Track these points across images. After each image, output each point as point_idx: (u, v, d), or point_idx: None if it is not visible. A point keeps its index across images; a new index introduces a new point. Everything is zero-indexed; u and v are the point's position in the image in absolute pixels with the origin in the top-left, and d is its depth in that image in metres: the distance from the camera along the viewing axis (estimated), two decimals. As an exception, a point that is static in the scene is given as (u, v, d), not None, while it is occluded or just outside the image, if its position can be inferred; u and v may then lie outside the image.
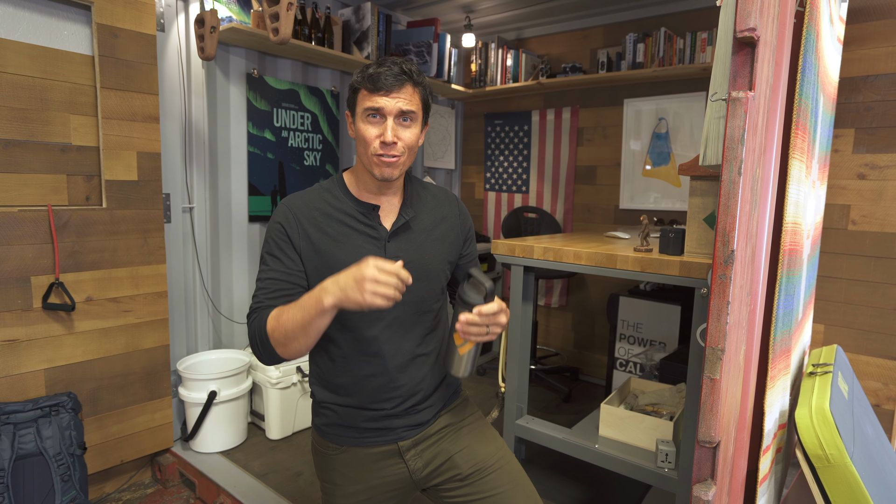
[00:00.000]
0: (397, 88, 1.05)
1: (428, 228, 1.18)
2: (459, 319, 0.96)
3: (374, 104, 1.05)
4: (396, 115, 1.06)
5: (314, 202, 1.13)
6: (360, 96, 1.07)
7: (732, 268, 0.82)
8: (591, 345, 3.38)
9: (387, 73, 1.04)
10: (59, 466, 1.74)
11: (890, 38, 1.90)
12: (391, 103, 1.05)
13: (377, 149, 1.06)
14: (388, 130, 1.05)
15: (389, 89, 1.04)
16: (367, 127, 1.06)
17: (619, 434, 1.76)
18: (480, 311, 0.95)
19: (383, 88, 1.04)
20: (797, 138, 1.07)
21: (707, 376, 0.85)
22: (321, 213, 1.11)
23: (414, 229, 1.15)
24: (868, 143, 1.96)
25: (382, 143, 1.05)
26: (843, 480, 1.10)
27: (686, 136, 2.90)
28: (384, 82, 1.04)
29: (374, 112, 1.06)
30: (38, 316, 1.83)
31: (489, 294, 0.97)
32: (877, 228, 1.96)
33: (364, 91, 1.06)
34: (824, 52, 1.30)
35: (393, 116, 1.05)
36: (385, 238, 1.12)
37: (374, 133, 1.06)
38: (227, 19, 2.36)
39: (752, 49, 0.80)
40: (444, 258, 1.19)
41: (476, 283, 0.98)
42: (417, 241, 1.15)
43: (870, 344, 1.99)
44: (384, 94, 1.04)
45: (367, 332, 1.11)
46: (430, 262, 1.15)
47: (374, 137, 1.06)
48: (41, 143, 1.82)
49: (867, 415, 1.45)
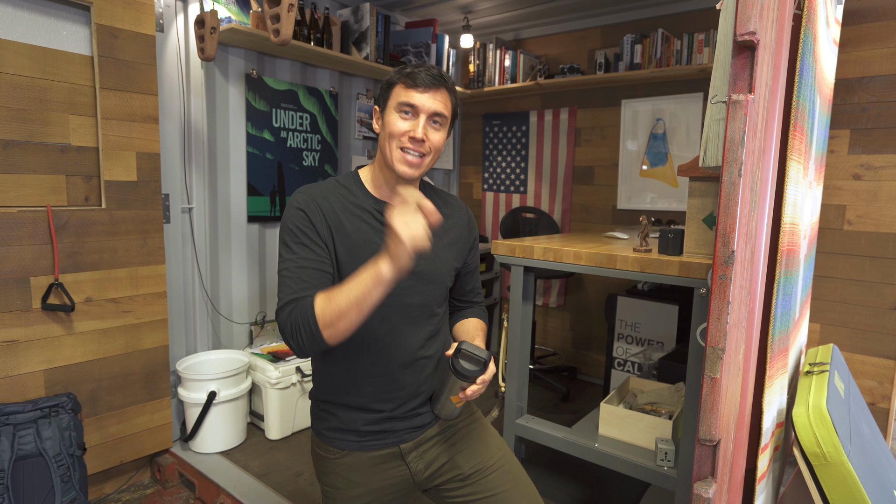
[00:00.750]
0: (434, 88, 1.07)
1: (438, 234, 1.18)
2: (465, 393, 1.02)
3: (409, 99, 1.06)
4: (430, 116, 1.07)
5: (330, 195, 1.12)
6: (396, 91, 1.08)
7: (732, 268, 0.83)
8: (589, 344, 3.40)
9: (426, 73, 1.07)
10: (58, 467, 1.74)
11: (885, 39, 1.92)
12: (427, 102, 1.06)
13: (405, 143, 1.06)
14: (420, 127, 1.06)
15: (427, 87, 1.06)
16: (398, 121, 1.07)
17: (619, 433, 1.77)
18: (484, 380, 1.01)
19: (422, 85, 1.05)
20: (795, 140, 1.09)
21: (707, 375, 0.86)
22: (340, 205, 1.11)
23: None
24: (863, 143, 1.98)
25: (412, 138, 1.06)
26: (839, 478, 1.11)
27: (683, 137, 2.91)
28: (423, 79, 1.06)
29: (409, 108, 1.07)
30: (38, 316, 1.83)
31: (486, 363, 1.01)
32: (872, 228, 1.97)
33: (401, 86, 1.07)
34: (821, 55, 1.31)
35: (426, 115, 1.07)
36: None
37: (405, 127, 1.07)
38: (226, 20, 2.36)
39: (751, 52, 0.81)
40: (451, 264, 1.20)
41: (472, 357, 1.01)
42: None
43: (865, 343, 2.01)
44: (422, 91, 1.06)
45: (373, 331, 1.11)
46: (438, 267, 1.16)
47: (404, 132, 1.07)
48: (40, 143, 1.82)
49: (863, 413, 1.47)
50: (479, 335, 1.22)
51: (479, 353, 1.00)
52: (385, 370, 1.12)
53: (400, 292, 1.11)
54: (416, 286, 1.13)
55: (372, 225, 1.11)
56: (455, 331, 1.28)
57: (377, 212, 1.12)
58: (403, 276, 1.00)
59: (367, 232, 1.10)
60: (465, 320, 1.28)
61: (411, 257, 0.88)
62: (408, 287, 1.12)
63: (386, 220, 0.89)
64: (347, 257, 1.08)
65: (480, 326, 1.26)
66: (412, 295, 1.13)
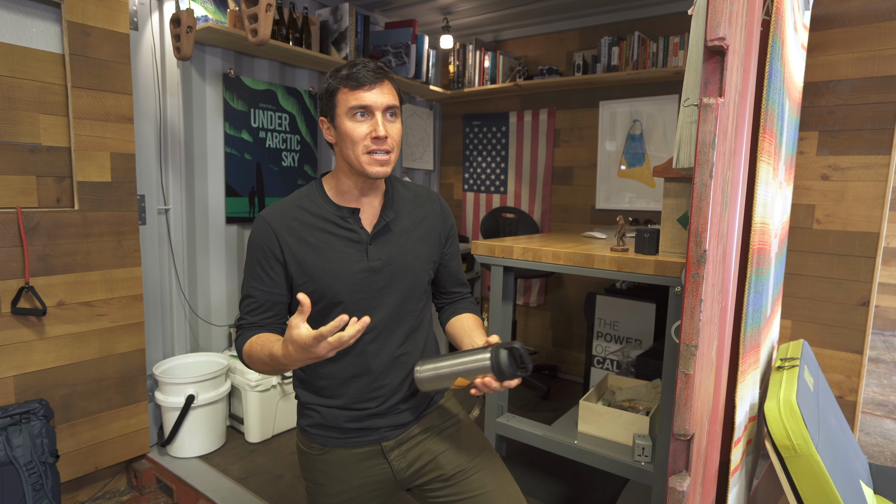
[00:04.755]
0: (379, 82, 1.06)
1: (409, 229, 1.18)
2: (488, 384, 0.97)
3: (359, 101, 1.04)
4: (384, 111, 1.06)
5: (292, 211, 1.12)
6: (341, 96, 1.06)
7: (705, 267, 0.85)
8: (569, 343, 3.44)
9: (365, 69, 1.05)
10: (30, 475, 1.70)
11: (850, 44, 1.99)
12: (378, 98, 1.05)
13: (370, 145, 1.05)
14: (380, 125, 1.04)
15: (372, 83, 1.05)
16: (355, 125, 1.05)
17: (598, 430, 1.80)
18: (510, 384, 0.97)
19: (367, 83, 1.04)
20: (764, 142, 1.12)
21: (681, 372, 0.88)
22: (299, 222, 1.11)
23: (395, 230, 1.16)
24: (831, 145, 2.04)
25: (375, 138, 1.05)
26: (809, 469, 1.15)
27: (660, 138, 2.97)
28: (365, 77, 1.04)
29: (361, 109, 1.05)
30: (7, 321, 1.78)
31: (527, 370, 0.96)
32: (840, 227, 2.04)
33: (345, 90, 1.05)
34: (789, 59, 1.36)
35: (381, 111, 1.06)
36: (366, 241, 1.12)
37: (364, 130, 1.05)
38: (202, 18, 2.33)
39: (721, 57, 0.84)
40: (426, 258, 1.19)
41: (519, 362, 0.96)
42: (399, 242, 1.15)
43: (834, 338, 2.07)
44: (368, 89, 1.04)
45: None
46: (412, 263, 1.16)
47: (364, 135, 1.05)
48: (9, 143, 1.77)
49: (831, 406, 1.52)
50: (478, 331, 1.18)
51: (528, 362, 0.96)
52: (365, 370, 1.13)
53: (376, 292, 1.12)
54: (393, 285, 1.13)
55: (336, 233, 1.11)
56: (451, 327, 1.24)
57: (340, 219, 1.12)
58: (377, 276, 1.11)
59: (332, 241, 1.11)
60: (461, 316, 1.24)
61: (301, 357, 0.92)
62: (384, 286, 1.12)
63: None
64: (314, 268, 1.09)
65: (478, 323, 1.22)
66: (389, 294, 1.13)
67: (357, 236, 1.12)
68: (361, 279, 1.10)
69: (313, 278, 1.09)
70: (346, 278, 1.09)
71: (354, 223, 1.12)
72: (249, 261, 1.13)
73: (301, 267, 1.09)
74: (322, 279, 1.09)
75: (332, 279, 1.09)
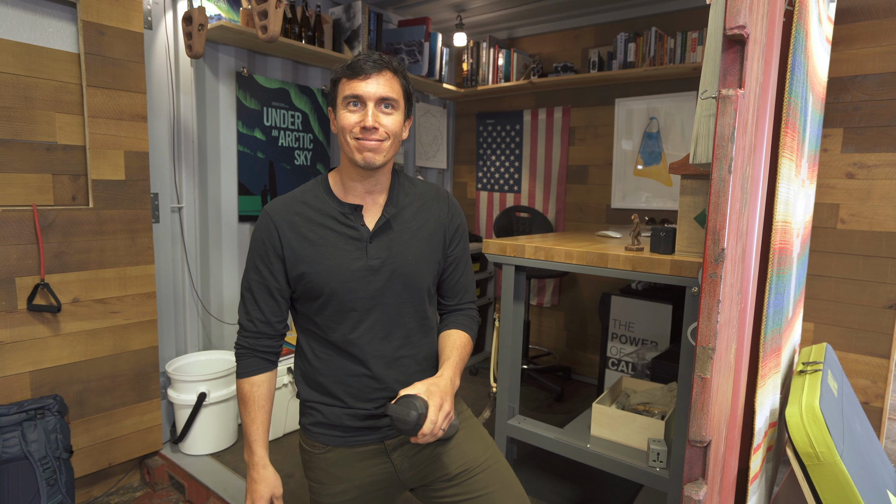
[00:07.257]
0: (376, 73, 1.04)
1: (414, 228, 1.15)
2: (416, 440, 0.97)
3: (353, 91, 1.04)
4: (377, 102, 1.05)
5: (294, 206, 1.11)
6: (341, 86, 1.07)
7: (723, 266, 0.82)
8: (584, 344, 3.39)
9: (365, 60, 1.05)
10: (44, 470, 1.72)
11: (878, 38, 1.92)
12: (372, 88, 1.04)
13: (357, 133, 1.05)
14: (369, 115, 1.04)
15: (369, 73, 1.04)
16: (347, 114, 1.06)
17: (611, 433, 1.76)
18: (423, 433, 0.95)
19: (363, 73, 1.04)
20: (787, 137, 1.07)
21: (698, 375, 0.85)
22: (301, 217, 1.10)
23: (397, 229, 1.13)
24: (856, 142, 1.97)
25: (363, 128, 1.04)
26: (832, 478, 1.10)
27: (677, 136, 2.91)
28: (364, 67, 1.04)
29: (355, 99, 1.05)
30: (23, 317, 1.80)
31: (414, 424, 0.93)
32: (865, 227, 1.97)
33: (344, 79, 1.06)
34: (813, 52, 1.30)
35: (373, 102, 1.04)
36: (367, 239, 1.10)
37: (355, 119, 1.05)
38: (215, 17, 2.34)
39: (741, 47, 0.80)
40: (429, 259, 1.16)
41: (400, 419, 0.94)
42: (401, 240, 1.12)
43: (859, 342, 2.00)
44: (364, 79, 1.04)
45: (348, 335, 1.10)
46: (414, 263, 1.13)
47: (353, 124, 1.05)
48: (25, 141, 1.79)
49: (856, 412, 1.46)
50: (454, 355, 1.12)
51: (407, 416, 0.93)
52: (365, 371, 1.11)
53: (375, 291, 1.10)
54: (392, 284, 1.11)
55: (336, 230, 1.10)
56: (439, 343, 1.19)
57: (342, 215, 1.10)
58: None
59: (332, 237, 1.09)
60: (445, 334, 1.19)
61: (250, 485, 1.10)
62: (382, 286, 1.10)
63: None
64: (312, 264, 1.08)
65: (458, 344, 1.15)
66: (388, 294, 1.11)
67: (358, 234, 1.10)
68: (359, 278, 1.08)
69: (310, 274, 1.08)
70: (343, 276, 1.08)
71: (356, 220, 1.10)
72: (250, 253, 1.13)
73: (299, 262, 1.09)
74: (319, 276, 1.07)
75: (329, 276, 1.07)
